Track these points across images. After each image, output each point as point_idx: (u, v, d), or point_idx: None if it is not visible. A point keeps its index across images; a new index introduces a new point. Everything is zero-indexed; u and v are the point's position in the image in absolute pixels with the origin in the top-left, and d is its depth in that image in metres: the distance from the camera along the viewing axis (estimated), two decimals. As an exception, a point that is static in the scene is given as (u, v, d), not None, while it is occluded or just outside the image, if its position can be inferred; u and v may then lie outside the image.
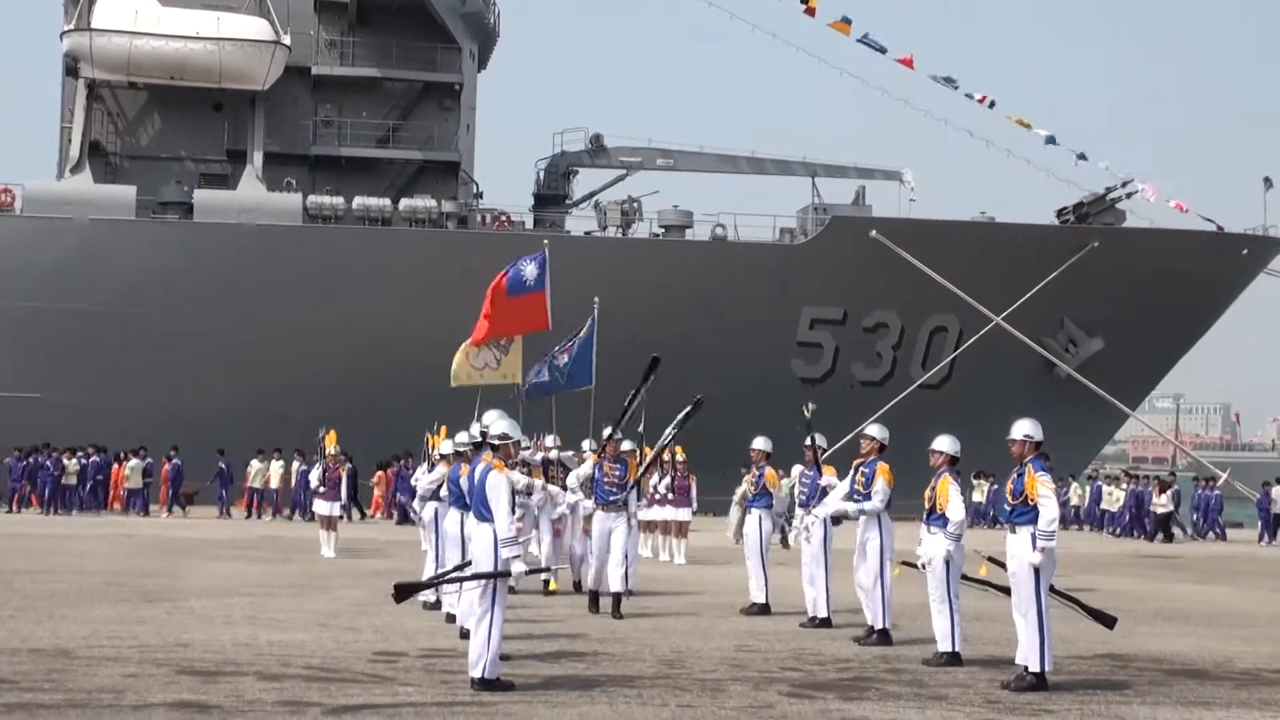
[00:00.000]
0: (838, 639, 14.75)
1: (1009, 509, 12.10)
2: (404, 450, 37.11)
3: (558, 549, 19.70)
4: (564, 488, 18.75)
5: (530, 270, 20.40)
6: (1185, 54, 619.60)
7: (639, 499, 18.27)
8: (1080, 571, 23.84)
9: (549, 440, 20.33)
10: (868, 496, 14.83)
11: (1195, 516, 40.00)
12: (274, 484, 37.93)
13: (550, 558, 19.37)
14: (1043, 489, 11.86)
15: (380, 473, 38.88)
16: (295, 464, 37.56)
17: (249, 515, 37.55)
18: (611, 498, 16.98)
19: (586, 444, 20.17)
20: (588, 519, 18.03)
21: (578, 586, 18.61)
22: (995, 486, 37.79)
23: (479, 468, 11.71)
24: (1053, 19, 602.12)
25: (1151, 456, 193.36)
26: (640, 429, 18.86)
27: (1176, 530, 38.12)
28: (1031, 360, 44.74)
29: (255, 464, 37.99)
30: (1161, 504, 37.53)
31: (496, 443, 11.75)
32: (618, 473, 17.07)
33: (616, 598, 16.50)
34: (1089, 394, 44.15)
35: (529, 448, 19.56)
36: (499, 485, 11.37)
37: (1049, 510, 11.83)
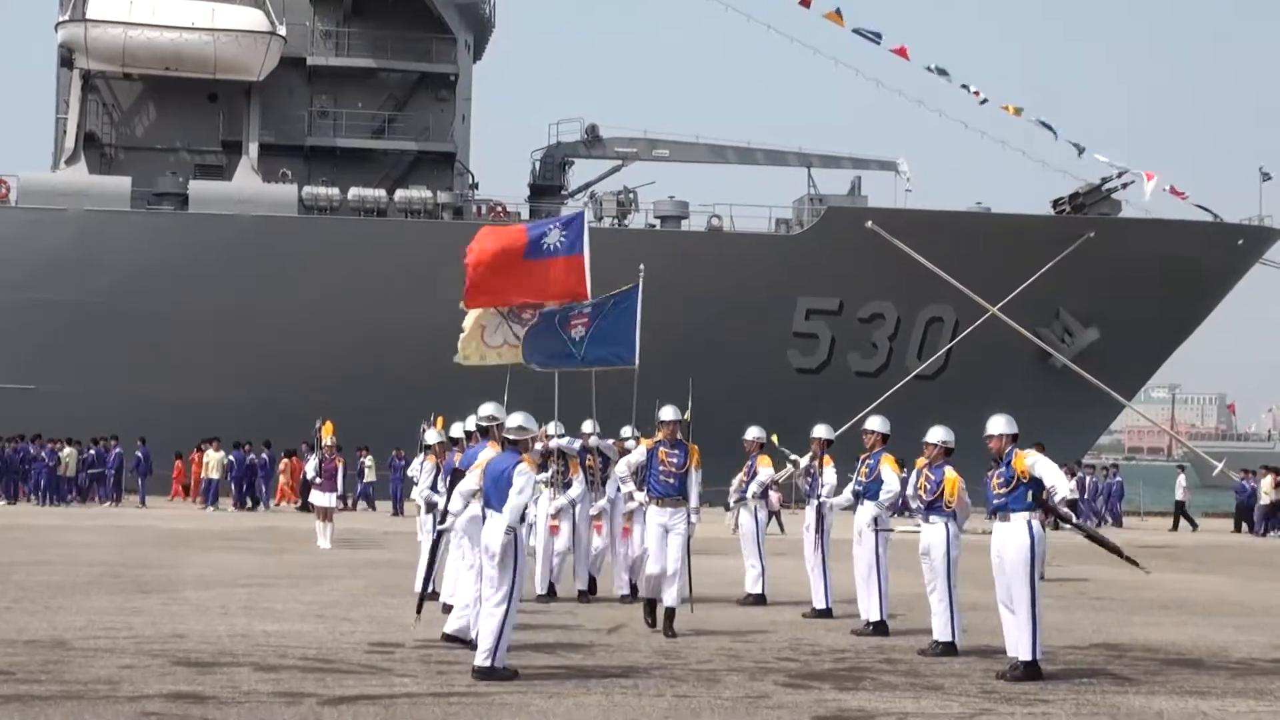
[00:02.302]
0: (834, 630, 14.77)
1: (999, 499, 12.09)
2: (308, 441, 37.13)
3: (585, 550, 17.51)
4: (604, 480, 17.30)
5: (555, 235, 17.36)
6: (1182, 46, 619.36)
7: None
8: (1074, 562, 23.87)
9: (587, 426, 17.85)
10: (874, 489, 14.84)
11: (1095, 502, 40.32)
12: (214, 474, 37.82)
13: (590, 563, 17.47)
14: (1036, 458, 12.06)
15: (286, 460, 38.90)
16: (221, 454, 37.78)
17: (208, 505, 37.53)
18: (668, 491, 14.55)
19: (627, 430, 17.76)
20: (628, 516, 16.38)
21: (582, 591, 17.45)
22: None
23: (502, 462, 11.65)
24: (1050, 11, 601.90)
25: (1147, 446, 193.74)
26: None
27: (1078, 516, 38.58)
28: (1027, 350, 44.75)
29: (210, 454, 38.00)
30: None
31: (514, 437, 11.73)
32: (676, 460, 14.62)
33: (670, 612, 14.15)
34: (1085, 384, 44.15)
35: (565, 435, 17.40)
36: (526, 475, 11.44)
37: (1053, 473, 12.12)
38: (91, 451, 37.90)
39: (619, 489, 16.85)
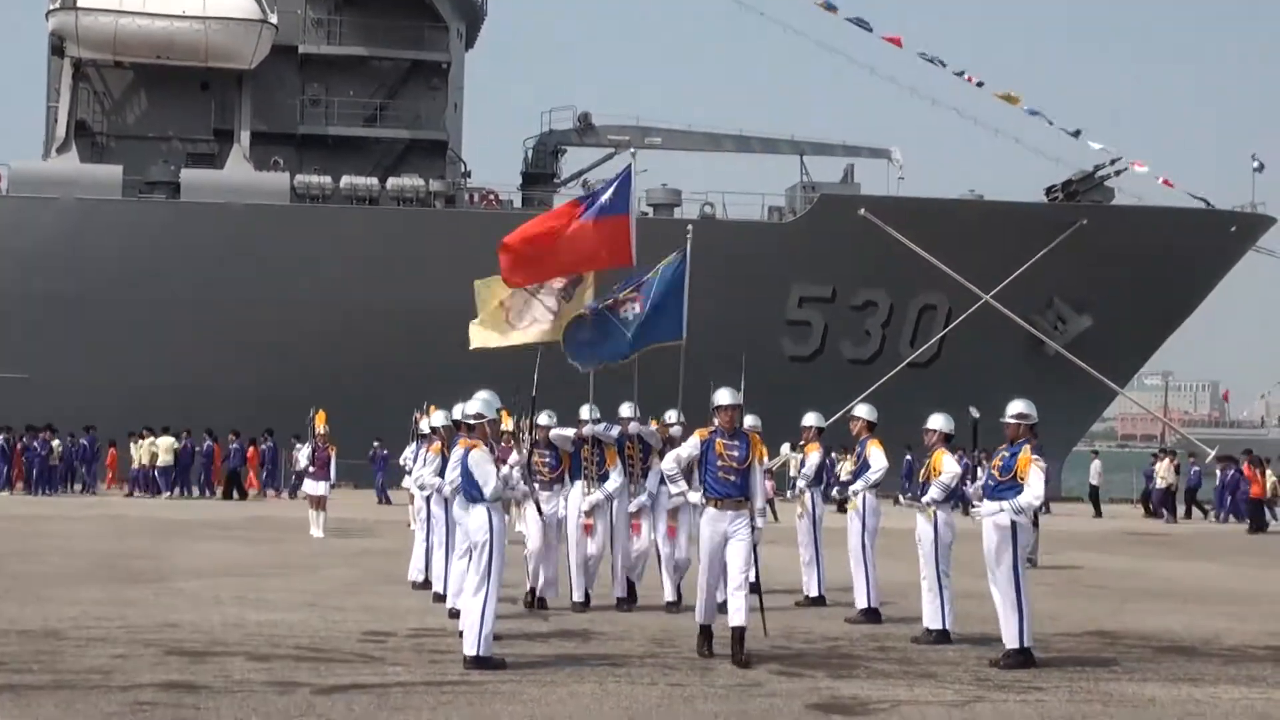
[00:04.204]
0: (828, 618, 14.76)
1: (994, 484, 12.04)
2: (231, 429, 37.78)
3: (622, 552, 15.31)
4: (644, 472, 15.36)
5: (608, 194, 15.28)
6: (1177, 36, 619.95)
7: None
8: (1070, 550, 23.90)
9: (625, 410, 15.55)
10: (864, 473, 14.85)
11: None
12: (163, 461, 37.85)
13: (630, 567, 15.37)
14: (1035, 468, 11.82)
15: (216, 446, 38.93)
16: (170, 440, 37.99)
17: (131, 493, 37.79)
18: (729, 491, 11.97)
19: (672, 415, 15.76)
20: (672, 514, 14.87)
21: (610, 596, 15.33)
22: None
23: (459, 451, 11.77)
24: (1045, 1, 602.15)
25: (1140, 434, 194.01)
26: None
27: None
28: (1020, 338, 44.77)
29: (164, 441, 38.03)
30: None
31: (473, 422, 11.80)
32: (736, 454, 12.04)
33: (738, 632, 11.66)
34: (1078, 371, 44.18)
35: (601, 421, 15.32)
36: (483, 462, 11.45)
37: (1035, 488, 11.78)
38: (21, 442, 37.68)
39: (661, 482, 14.70)
